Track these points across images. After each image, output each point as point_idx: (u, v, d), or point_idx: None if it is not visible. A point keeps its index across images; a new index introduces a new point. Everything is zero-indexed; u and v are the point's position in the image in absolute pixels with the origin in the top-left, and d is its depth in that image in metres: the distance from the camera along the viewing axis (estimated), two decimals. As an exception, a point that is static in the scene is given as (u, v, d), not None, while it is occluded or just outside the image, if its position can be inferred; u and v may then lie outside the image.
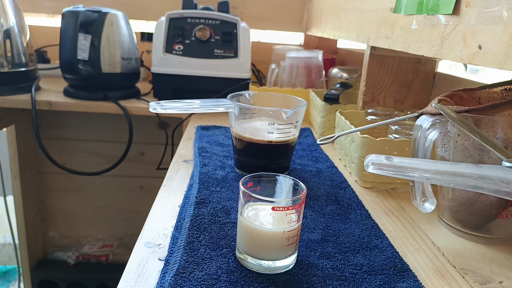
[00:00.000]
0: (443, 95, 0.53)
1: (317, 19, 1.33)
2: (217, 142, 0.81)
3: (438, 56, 0.56)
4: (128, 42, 1.15)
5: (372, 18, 0.80)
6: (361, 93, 0.87)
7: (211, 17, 1.10)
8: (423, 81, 0.87)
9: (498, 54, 0.44)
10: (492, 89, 0.54)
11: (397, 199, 0.63)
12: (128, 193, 1.61)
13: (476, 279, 0.44)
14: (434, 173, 0.35)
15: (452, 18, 0.53)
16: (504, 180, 0.30)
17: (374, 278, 0.41)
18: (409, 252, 0.48)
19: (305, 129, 0.94)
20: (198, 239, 0.45)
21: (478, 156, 0.47)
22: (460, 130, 0.48)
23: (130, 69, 1.17)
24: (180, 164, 0.70)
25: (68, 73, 1.12)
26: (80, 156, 1.54)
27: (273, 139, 0.62)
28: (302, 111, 0.64)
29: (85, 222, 1.62)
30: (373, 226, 0.52)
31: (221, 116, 1.03)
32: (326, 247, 0.47)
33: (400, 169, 0.36)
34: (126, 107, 1.10)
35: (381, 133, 0.77)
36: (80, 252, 1.61)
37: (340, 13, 1.03)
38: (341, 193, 0.62)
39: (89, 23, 1.08)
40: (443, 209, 0.55)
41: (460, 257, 0.48)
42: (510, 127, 0.45)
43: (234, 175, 0.65)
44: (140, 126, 1.47)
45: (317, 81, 1.13)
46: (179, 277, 0.38)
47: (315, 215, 0.54)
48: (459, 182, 0.33)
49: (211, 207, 0.53)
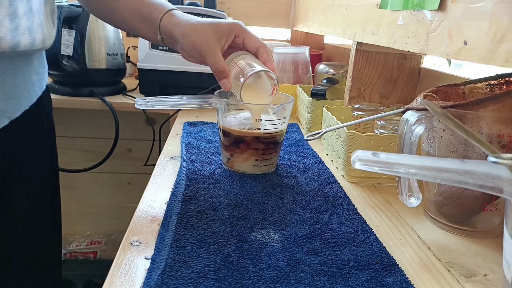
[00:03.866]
0: (428, 91, 0.54)
1: (304, 15, 1.33)
2: (204, 138, 0.80)
3: (424, 51, 0.56)
4: (114, 38, 1.14)
5: (358, 14, 0.80)
6: (348, 88, 0.87)
7: (197, 12, 1.09)
8: (409, 77, 0.87)
9: (483, 50, 0.44)
10: (477, 85, 0.55)
11: (383, 193, 0.63)
12: (116, 190, 1.59)
13: (462, 272, 0.44)
14: (420, 169, 0.35)
15: (438, 13, 0.53)
16: (489, 175, 0.30)
17: (361, 273, 0.42)
18: (396, 246, 0.48)
19: (293, 125, 0.95)
20: (185, 237, 0.45)
21: (463, 151, 0.48)
22: (445, 126, 0.49)
23: (116, 65, 1.16)
24: (167, 161, 0.69)
25: (51, 69, 1.10)
26: (66, 153, 1.52)
27: (261, 130, 0.62)
28: (289, 107, 0.64)
29: (72, 219, 1.61)
30: (360, 221, 0.53)
31: (208, 112, 1.02)
32: (314, 242, 0.47)
33: (387, 165, 0.36)
34: (112, 103, 1.09)
35: (367, 128, 0.77)
36: (67, 250, 1.59)
37: (327, 9, 1.03)
38: (328, 188, 0.62)
39: (73, 18, 1.06)
40: (428, 203, 0.56)
41: (445, 251, 0.48)
42: (494, 122, 0.46)
43: (221, 172, 0.65)
44: (127, 122, 1.46)
45: (304, 76, 1.13)
46: (165, 276, 0.38)
47: (303, 210, 0.54)
48: (445, 177, 0.33)
49: (198, 204, 0.53)
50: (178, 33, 0.62)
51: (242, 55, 0.63)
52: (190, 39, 0.61)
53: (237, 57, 0.62)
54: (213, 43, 0.60)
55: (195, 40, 0.60)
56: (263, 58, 0.62)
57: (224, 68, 0.60)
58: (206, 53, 0.60)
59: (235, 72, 0.61)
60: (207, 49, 0.60)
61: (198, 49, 0.60)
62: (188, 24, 0.61)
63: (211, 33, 0.60)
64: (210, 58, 0.60)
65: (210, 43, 0.60)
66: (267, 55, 0.62)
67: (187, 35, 0.61)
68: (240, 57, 0.62)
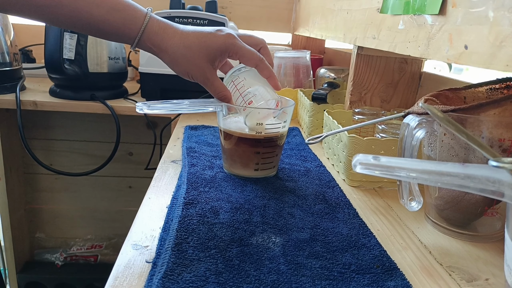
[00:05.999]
0: (429, 95, 0.54)
1: (305, 20, 1.34)
2: (205, 142, 0.81)
3: (425, 56, 0.56)
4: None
5: (359, 18, 0.80)
6: (348, 92, 0.87)
7: (199, 16, 1.09)
8: (409, 81, 0.87)
9: (484, 54, 0.44)
10: (477, 89, 0.55)
11: (384, 197, 0.63)
12: (117, 193, 1.59)
13: (463, 276, 0.44)
14: (421, 173, 0.35)
15: (439, 18, 0.53)
16: (490, 179, 0.30)
17: (362, 277, 0.42)
18: (397, 250, 0.48)
19: (293, 129, 0.95)
20: (186, 241, 0.45)
21: (464, 155, 0.48)
22: (446, 130, 0.49)
23: (117, 69, 1.16)
24: (168, 165, 0.69)
25: (53, 72, 1.11)
26: (67, 156, 1.52)
27: (261, 133, 0.62)
28: (290, 111, 0.64)
29: (73, 223, 1.61)
30: (361, 225, 0.53)
31: (209, 116, 1.02)
32: (315, 246, 0.47)
33: (387, 169, 0.36)
34: (113, 107, 1.09)
35: (368, 132, 0.77)
36: (68, 253, 1.59)
37: (328, 13, 1.03)
38: (329, 192, 0.62)
39: (75, 22, 1.06)
40: (429, 208, 0.56)
41: (446, 255, 0.48)
42: (495, 126, 0.46)
43: (222, 175, 0.65)
44: (128, 126, 1.46)
45: (305, 80, 1.14)
46: (166, 280, 0.38)
47: (304, 214, 0.54)
48: (446, 181, 0.33)
49: (200, 208, 0.53)
50: (166, 59, 0.58)
51: (242, 73, 0.61)
52: (181, 68, 0.58)
53: (237, 79, 0.61)
54: (209, 71, 0.57)
55: (188, 70, 0.57)
56: (265, 74, 0.59)
57: (226, 95, 0.59)
58: (203, 83, 0.58)
59: (236, 96, 0.60)
60: (204, 79, 0.58)
61: (193, 79, 0.58)
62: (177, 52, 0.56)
63: (203, 59, 0.56)
64: (209, 87, 0.58)
65: (206, 72, 0.57)
66: (268, 70, 0.59)
67: (177, 63, 0.57)
68: (239, 77, 0.61)
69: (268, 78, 0.60)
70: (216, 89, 0.59)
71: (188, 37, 0.56)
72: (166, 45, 0.56)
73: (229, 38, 0.57)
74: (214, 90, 0.59)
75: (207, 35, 0.56)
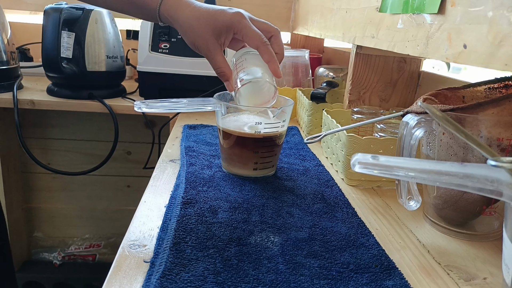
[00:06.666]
0: (428, 94, 0.54)
1: (304, 19, 1.34)
2: (204, 141, 0.80)
3: (424, 55, 0.56)
4: (113, 40, 1.14)
5: (358, 17, 0.80)
6: (347, 92, 0.87)
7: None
8: (408, 80, 0.87)
9: (483, 53, 0.44)
10: (476, 88, 0.55)
11: (382, 196, 0.63)
12: (115, 193, 1.59)
13: (461, 275, 0.44)
14: (420, 172, 0.35)
15: (438, 17, 0.53)
16: (489, 179, 0.30)
17: (361, 276, 0.42)
18: (395, 249, 0.48)
19: (292, 128, 0.95)
20: (184, 240, 0.45)
21: (463, 154, 0.48)
22: (445, 129, 0.49)
23: (115, 68, 1.16)
24: (166, 164, 0.69)
25: (51, 71, 1.10)
26: (65, 155, 1.52)
27: (260, 132, 0.62)
28: (289, 110, 0.64)
29: (71, 222, 1.60)
30: (360, 224, 0.53)
31: (208, 115, 1.02)
32: (313, 245, 0.47)
33: (386, 168, 0.36)
34: (111, 105, 1.09)
35: (367, 131, 0.77)
36: (66, 253, 1.59)
37: (327, 12, 1.03)
38: (328, 191, 0.62)
39: (73, 20, 1.06)
40: (428, 207, 0.56)
41: (445, 254, 0.48)
42: (494, 125, 0.46)
43: (221, 175, 0.65)
44: (126, 125, 1.46)
45: (304, 80, 1.14)
46: (164, 279, 0.38)
47: (302, 213, 0.54)
48: (444, 180, 0.33)
49: (198, 207, 0.53)
50: (178, 29, 0.62)
51: (244, 55, 0.62)
52: (189, 39, 0.61)
53: (239, 59, 0.62)
54: (212, 44, 0.59)
55: (194, 40, 0.60)
56: (265, 58, 0.60)
57: (225, 72, 0.60)
58: (206, 55, 0.60)
59: (234, 75, 0.61)
60: (207, 51, 0.60)
61: (198, 50, 0.61)
62: (186, 22, 0.60)
63: (209, 32, 0.59)
64: (210, 61, 0.60)
65: (209, 44, 0.59)
66: (268, 55, 0.59)
67: (186, 33, 0.61)
68: (242, 57, 0.62)
69: (269, 62, 0.60)
70: (217, 63, 0.60)
71: (199, 10, 0.60)
72: (178, 16, 0.61)
73: (237, 16, 0.59)
74: (215, 64, 0.60)
75: (217, 11, 0.60)
